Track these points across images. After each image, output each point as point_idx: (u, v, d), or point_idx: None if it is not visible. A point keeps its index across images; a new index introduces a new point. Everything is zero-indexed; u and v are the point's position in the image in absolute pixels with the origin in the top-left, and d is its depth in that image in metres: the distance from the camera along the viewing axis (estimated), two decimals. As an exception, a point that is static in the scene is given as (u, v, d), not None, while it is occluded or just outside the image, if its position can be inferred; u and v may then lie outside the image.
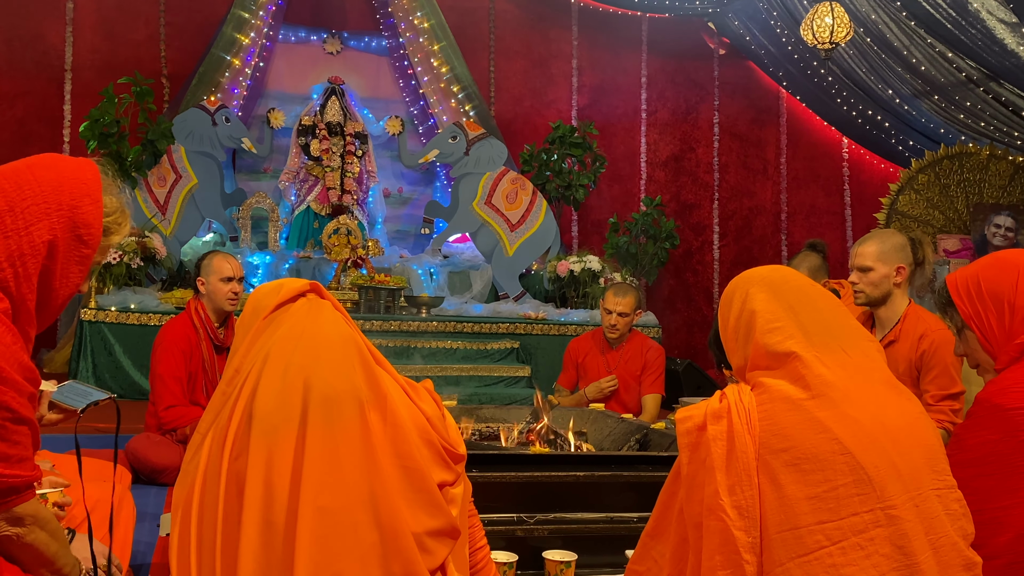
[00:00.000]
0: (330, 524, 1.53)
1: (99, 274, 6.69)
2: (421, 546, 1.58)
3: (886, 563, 1.55)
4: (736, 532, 1.59)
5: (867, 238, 3.41)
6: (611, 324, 4.83)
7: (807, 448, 1.61)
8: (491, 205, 8.55)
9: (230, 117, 8.06)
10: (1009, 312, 1.98)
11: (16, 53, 8.20)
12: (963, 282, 2.07)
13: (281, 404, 1.60)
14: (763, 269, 1.87)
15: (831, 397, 1.65)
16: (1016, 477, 1.79)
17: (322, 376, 1.62)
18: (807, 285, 1.82)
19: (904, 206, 8.46)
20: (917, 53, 8.21)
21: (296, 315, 1.74)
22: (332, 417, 1.59)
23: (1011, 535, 1.77)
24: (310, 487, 1.54)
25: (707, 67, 10.27)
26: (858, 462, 1.59)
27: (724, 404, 1.70)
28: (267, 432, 1.58)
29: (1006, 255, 2.08)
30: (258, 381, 1.64)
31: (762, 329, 1.75)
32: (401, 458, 1.62)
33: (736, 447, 1.64)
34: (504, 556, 2.42)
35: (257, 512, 1.54)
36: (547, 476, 2.59)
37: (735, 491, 1.61)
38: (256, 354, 1.70)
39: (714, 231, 10.26)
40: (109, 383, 6.30)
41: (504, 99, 9.61)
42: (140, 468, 3.97)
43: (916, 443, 1.66)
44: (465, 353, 7.07)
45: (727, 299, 1.86)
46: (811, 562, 1.55)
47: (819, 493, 1.58)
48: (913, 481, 1.61)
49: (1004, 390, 1.88)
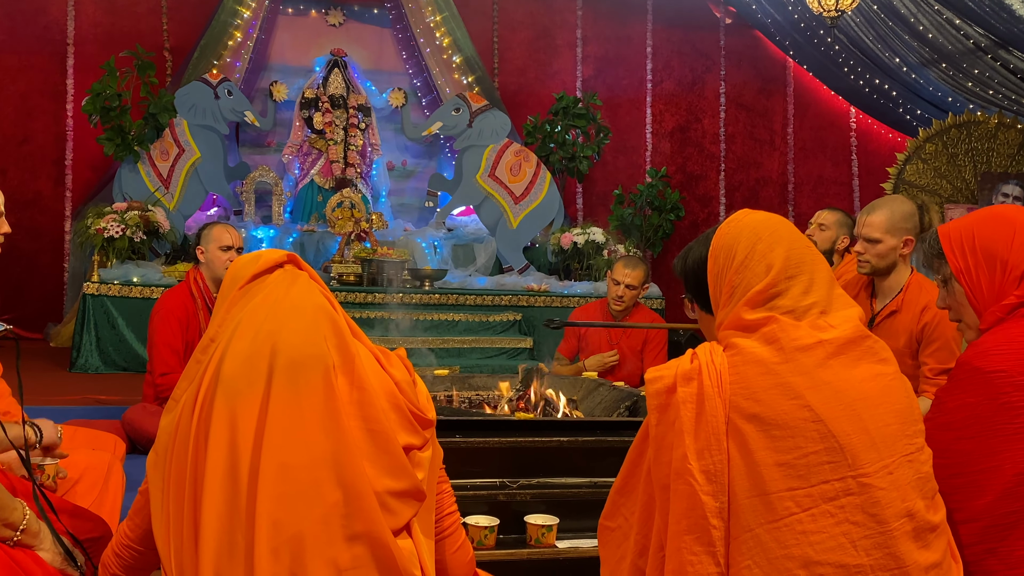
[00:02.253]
0: (291, 481, 1.53)
1: (102, 248, 6.71)
2: (384, 506, 1.58)
3: (857, 531, 1.54)
4: (704, 496, 1.57)
5: (874, 206, 3.30)
6: (618, 296, 4.76)
7: (778, 414, 1.59)
8: (495, 177, 8.53)
9: (232, 90, 8.05)
10: (1001, 270, 1.92)
11: (18, 27, 8.20)
12: (956, 234, 2.00)
13: (248, 368, 1.61)
14: (769, 222, 1.78)
15: (804, 362, 1.63)
16: (996, 440, 1.77)
17: (289, 341, 1.63)
18: (806, 247, 1.75)
19: (912, 176, 8.40)
20: (924, 20, 8.11)
21: (271, 285, 1.75)
22: (297, 380, 1.60)
23: (990, 498, 1.75)
24: (272, 445, 1.55)
25: (713, 37, 10.17)
26: (829, 430, 1.57)
27: (695, 365, 1.67)
28: (232, 394, 1.59)
29: (1003, 210, 2.00)
30: (227, 347, 1.65)
31: (754, 290, 1.70)
32: (367, 421, 1.63)
33: (706, 410, 1.62)
34: (486, 520, 2.43)
35: (220, 471, 1.55)
36: (531, 441, 2.59)
37: (703, 455, 1.59)
38: (229, 322, 1.72)
39: (720, 202, 10.21)
40: (113, 356, 6.34)
41: (508, 70, 9.56)
42: (136, 438, 4.00)
43: (890, 408, 1.64)
44: (467, 325, 7.08)
45: (729, 246, 1.78)
46: (780, 528, 1.54)
47: (789, 460, 1.56)
48: (887, 448, 1.60)
49: (985, 352, 1.84)
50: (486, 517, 2.45)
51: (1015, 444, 1.74)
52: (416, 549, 1.64)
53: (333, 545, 1.53)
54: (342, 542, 1.54)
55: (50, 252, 8.25)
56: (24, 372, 2.13)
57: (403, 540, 1.62)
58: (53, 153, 8.30)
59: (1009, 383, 1.77)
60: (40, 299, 8.10)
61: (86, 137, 8.08)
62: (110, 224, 6.70)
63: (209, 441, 1.57)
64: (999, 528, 1.74)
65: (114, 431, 3.66)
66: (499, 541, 2.46)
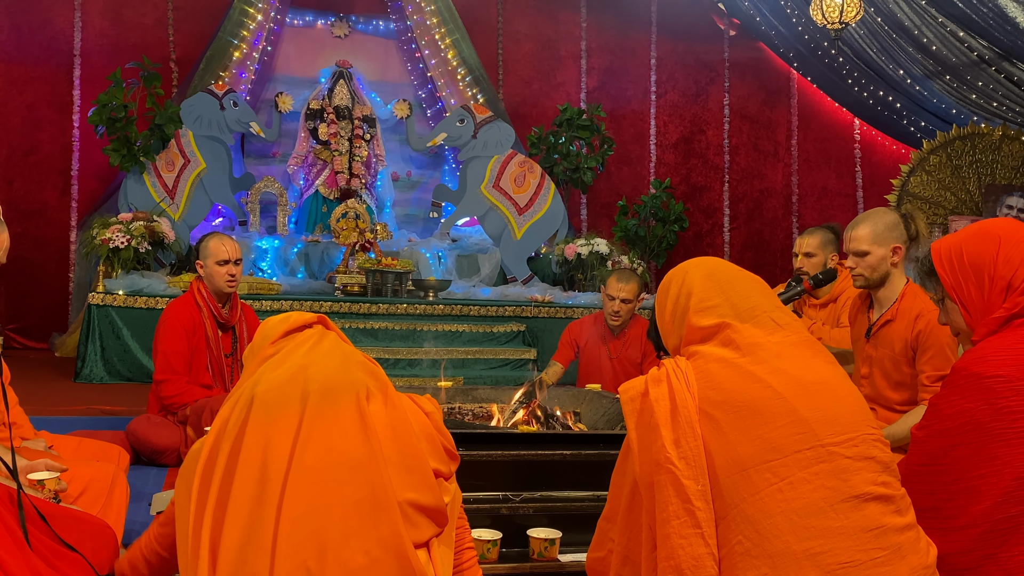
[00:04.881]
0: (318, 482, 1.60)
1: (107, 258, 6.73)
2: (406, 516, 1.63)
3: (833, 495, 1.62)
4: (685, 481, 1.67)
5: (858, 221, 3.35)
6: (614, 311, 4.77)
7: (743, 397, 1.71)
8: (499, 188, 8.54)
9: (238, 101, 8.08)
10: (988, 284, 1.96)
11: (25, 39, 8.24)
12: (946, 251, 2.05)
13: (282, 393, 1.69)
14: (697, 259, 2.02)
15: (760, 355, 1.76)
16: (993, 445, 1.78)
17: (323, 372, 1.73)
18: (738, 271, 1.95)
19: (916, 188, 8.40)
20: (928, 33, 8.12)
21: (302, 339, 1.84)
22: (332, 400, 1.68)
23: (988, 503, 1.76)
24: (304, 454, 1.62)
25: (717, 48, 10.20)
26: (792, 406, 1.68)
27: (663, 371, 1.81)
28: (267, 414, 1.66)
29: (990, 225, 2.05)
30: (260, 377, 1.74)
31: (696, 308, 1.86)
32: (398, 437, 1.70)
33: (678, 403, 1.73)
34: (489, 534, 2.43)
35: (252, 478, 1.61)
36: (533, 455, 2.60)
37: (680, 443, 1.70)
38: (270, 358, 1.82)
39: (724, 214, 10.21)
40: (117, 367, 6.34)
41: (512, 82, 9.59)
42: (140, 449, 4.01)
43: (847, 396, 1.75)
44: (471, 336, 7.08)
45: (664, 287, 1.99)
46: (763, 499, 1.63)
47: (761, 435, 1.67)
48: (850, 425, 1.69)
49: (983, 358, 1.86)
50: (489, 531, 2.45)
51: (1014, 448, 1.75)
52: (433, 567, 1.68)
53: (353, 543, 1.58)
54: (362, 542, 1.58)
55: (56, 262, 8.27)
56: (29, 382, 2.15)
57: (422, 553, 1.67)
58: (59, 164, 8.33)
59: (1007, 388, 1.79)
60: (45, 309, 8.12)
61: (92, 148, 8.11)
62: (115, 234, 6.72)
63: (241, 454, 1.63)
64: (998, 533, 1.75)
65: (118, 442, 3.67)
66: (502, 555, 2.47)
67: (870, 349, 3.30)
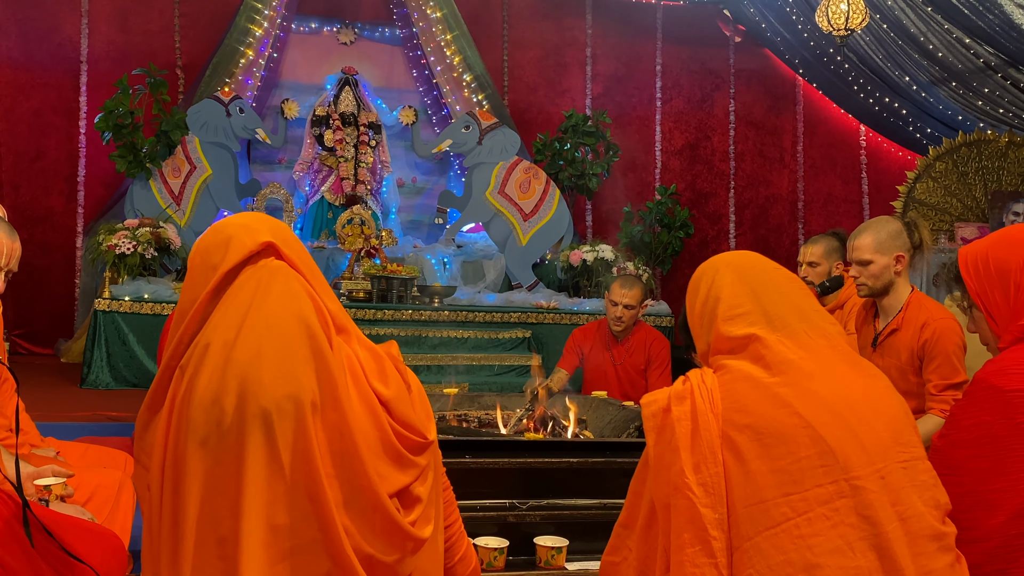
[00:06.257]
0: (277, 544, 1.49)
1: (113, 264, 6.74)
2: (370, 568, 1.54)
3: (853, 532, 1.56)
4: (703, 509, 1.61)
5: (861, 230, 3.36)
6: (616, 317, 4.77)
7: (769, 423, 1.64)
8: (504, 194, 8.55)
9: (244, 108, 8.10)
10: (1014, 291, 1.92)
11: (32, 45, 8.26)
12: (972, 257, 2.02)
13: (216, 412, 1.52)
14: (730, 254, 1.92)
15: (792, 375, 1.68)
16: (1010, 459, 1.75)
17: (260, 380, 1.53)
18: (772, 269, 1.85)
19: (922, 194, 8.38)
20: (934, 39, 8.11)
21: (247, 288, 1.63)
22: (272, 432, 1.51)
23: (1003, 517, 1.74)
24: (253, 510, 1.49)
25: (722, 55, 10.19)
26: (819, 435, 1.61)
27: (687, 386, 1.74)
28: (201, 449, 1.52)
29: (1016, 231, 2.02)
30: (194, 381, 1.56)
31: (724, 316, 1.79)
32: (348, 476, 1.55)
33: (700, 425, 1.67)
34: (495, 542, 2.42)
35: (196, 530, 1.50)
36: (540, 462, 2.59)
37: (700, 469, 1.64)
38: (199, 341, 1.61)
39: (730, 220, 10.20)
40: (123, 373, 6.36)
41: (518, 88, 9.59)
42: (147, 455, 3.99)
43: (880, 417, 1.67)
44: (476, 342, 7.08)
45: (694, 284, 1.91)
46: (779, 534, 1.57)
47: (783, 466, 1.60)
48: (878, 454, 1.62)
49: (1003, 371, 1.83)
50: (495, 539, 2.44)
51: (1031, 464, 1.73)
52: None
53: None
54: None
55: (62, 268, 8.28)
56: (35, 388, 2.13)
57: None
58: (65, 170, 8.35)
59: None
60: (51, 315, 8.13)
61: (98, 154, 8.13)
62: (122, 241, 6.73)
63: (184, 492, 1.52)
64: (1010, 549, 1.73)
65: (125, 448, 3.66)
66: (508, 563, 2.46)
67: (876, 358, 3.30)
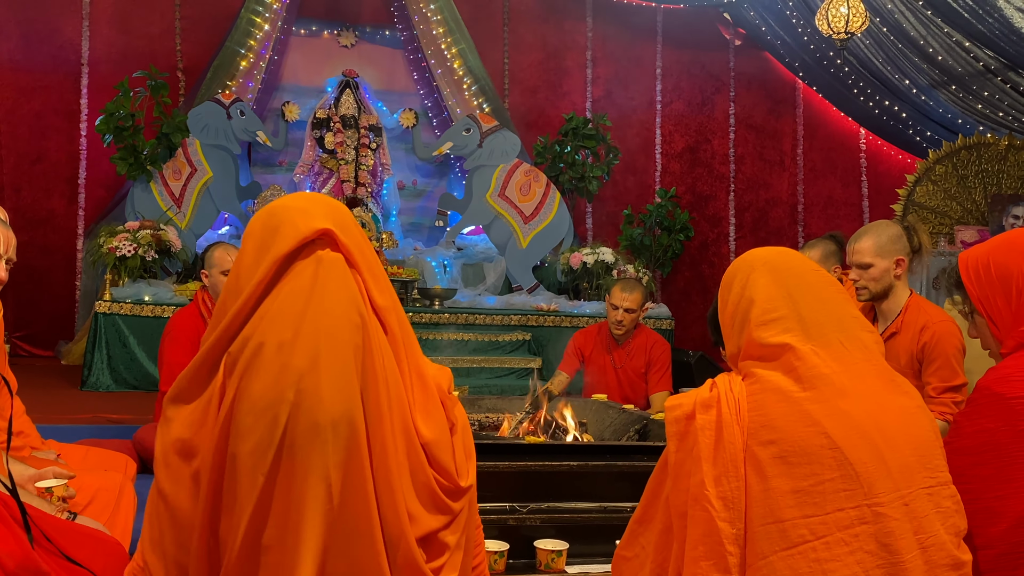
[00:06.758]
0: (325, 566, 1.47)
1: (114, 266, 6.75)
2: None
3: (870, 560, 1.53)
4: (720, 523, 1.58)
5: (861, 234, 3.37)
6: (617, 320, 4.77)
7: (795, 441, 1.59)
8: (504, 197, 8.55)
9: (245, 110, 8.11)
10: (1016, 296, 1.90)
11: (33, 47, 8.27)
12: (973, 262, 1.99)
13: (269, 423, 1.48)
14: (766, 251, 1.81)
15: (823, 391, 1.63)
16: (1013, 467, 1.74)
17: (318, 394, 1.48)
18: (811, 271, 1.77)
19: (921, 197, 8.39)
20: (934, 43, 8.12)
21: (299, 286, 1.56)
22: (323, 450, 1.47)
23: (1005, 525, 1.73)
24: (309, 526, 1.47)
25: (723, 58, 10.21)
26: (846, 457, 1.57)
27: (714, 393, 1.69)
28: (251, 452, 1.47)
29: (1018, 235, 1.99)
30: (249, 380, 1.50)
31: (758, 320, 1.72)
32: (385, 518, 1.52)
33: (724, 437, 1.63)
34: (495, 545, 2.43)
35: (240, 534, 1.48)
36: (541, 465, 2.60)
37: (721, 482, 1.60)
38: (250, 337, 1.54)
39: (730, 223, 10.21)
40: (124, 375, 6.36)
41: (518, 91, 9.60)
42: (148, 457, 4.00)
43: (909, 440, 1.64)
44: (477, 345, 7.08)
45: (728, 281, 1.82)
46: (794, 556, 1.54)
47: (805, 487, 1.56)
48: (904, 479, 1.59)
49: (1005, 378, 1.82)
50: (496, 542, 2.44)
51: (1033, 472, 1.73)
52: None
53: None
54: None
55: (62, 270, 8.29)
56: (35, 390, 2.12)
57: None
58: (66, 172, 8.36)
59: None
60: (52, 317, 8.14)
61: (99, 156, 8.14)
62: (122, 243, 6.73)
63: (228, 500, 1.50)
64: (1013, 556, 1.72)
65: (125, 450, 3.66)
66: (509, 566, 2.46)
67: (875, 361, 3.30)
